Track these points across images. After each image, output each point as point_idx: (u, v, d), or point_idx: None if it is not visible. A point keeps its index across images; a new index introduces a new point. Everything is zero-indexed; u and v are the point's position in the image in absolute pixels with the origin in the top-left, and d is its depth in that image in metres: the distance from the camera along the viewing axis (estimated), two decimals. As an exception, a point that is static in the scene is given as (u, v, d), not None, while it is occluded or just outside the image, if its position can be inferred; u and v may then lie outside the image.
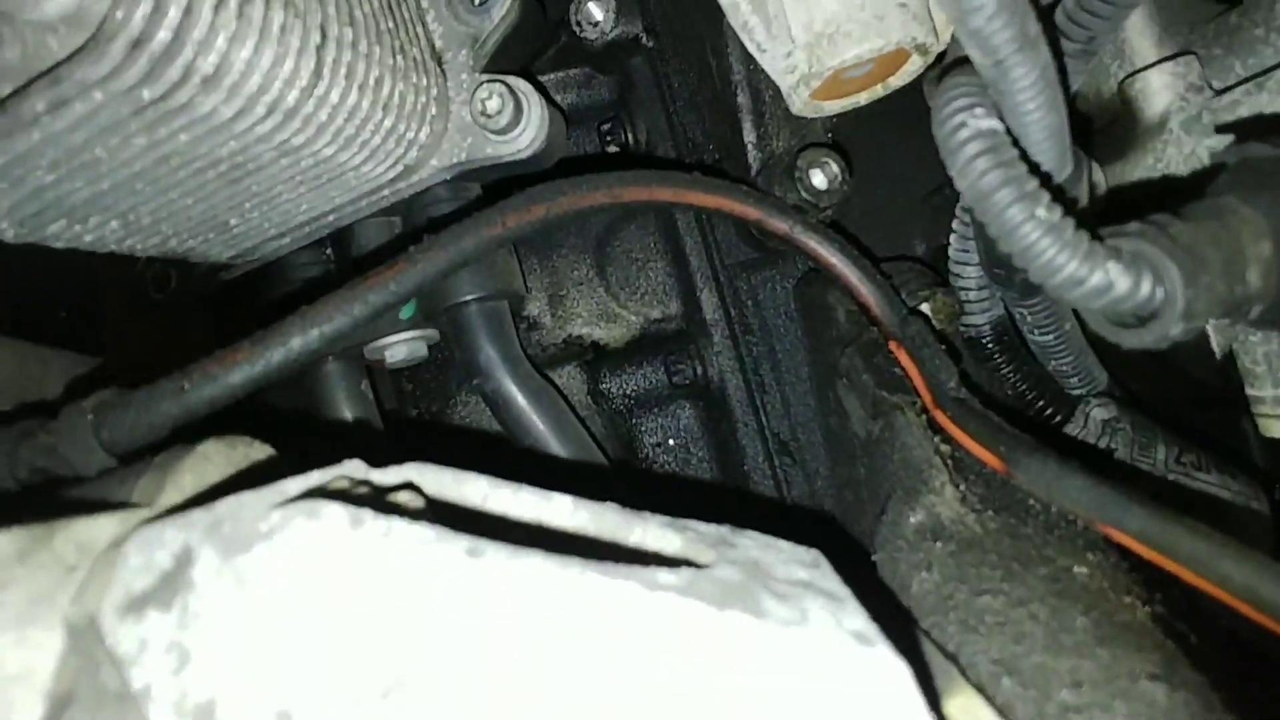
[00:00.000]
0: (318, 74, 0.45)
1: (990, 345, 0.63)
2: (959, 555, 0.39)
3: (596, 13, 0.68)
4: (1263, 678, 0.40)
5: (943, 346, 0.51)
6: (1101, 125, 0.63)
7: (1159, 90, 0.58)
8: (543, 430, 0.65)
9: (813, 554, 0.34)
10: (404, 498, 0.32)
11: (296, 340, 0.42)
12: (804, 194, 0.58)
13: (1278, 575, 0.32)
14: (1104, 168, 0.60)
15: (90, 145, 0.41)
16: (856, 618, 0.27)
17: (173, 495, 0.33)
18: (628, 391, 0.74)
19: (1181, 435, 0.62)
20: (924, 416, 0.49)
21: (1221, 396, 0.60)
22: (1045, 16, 0.36)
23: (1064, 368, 0.62)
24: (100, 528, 0.29)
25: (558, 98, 0.75)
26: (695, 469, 0.75)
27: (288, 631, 0.24)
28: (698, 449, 0.75)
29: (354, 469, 0.33)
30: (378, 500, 0.30)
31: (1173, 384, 0.68)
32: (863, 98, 0.59)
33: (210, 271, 0.68)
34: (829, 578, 0.32)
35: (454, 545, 0.26)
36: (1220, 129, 0.51)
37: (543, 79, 0.74)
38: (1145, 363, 0.67)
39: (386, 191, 0.61)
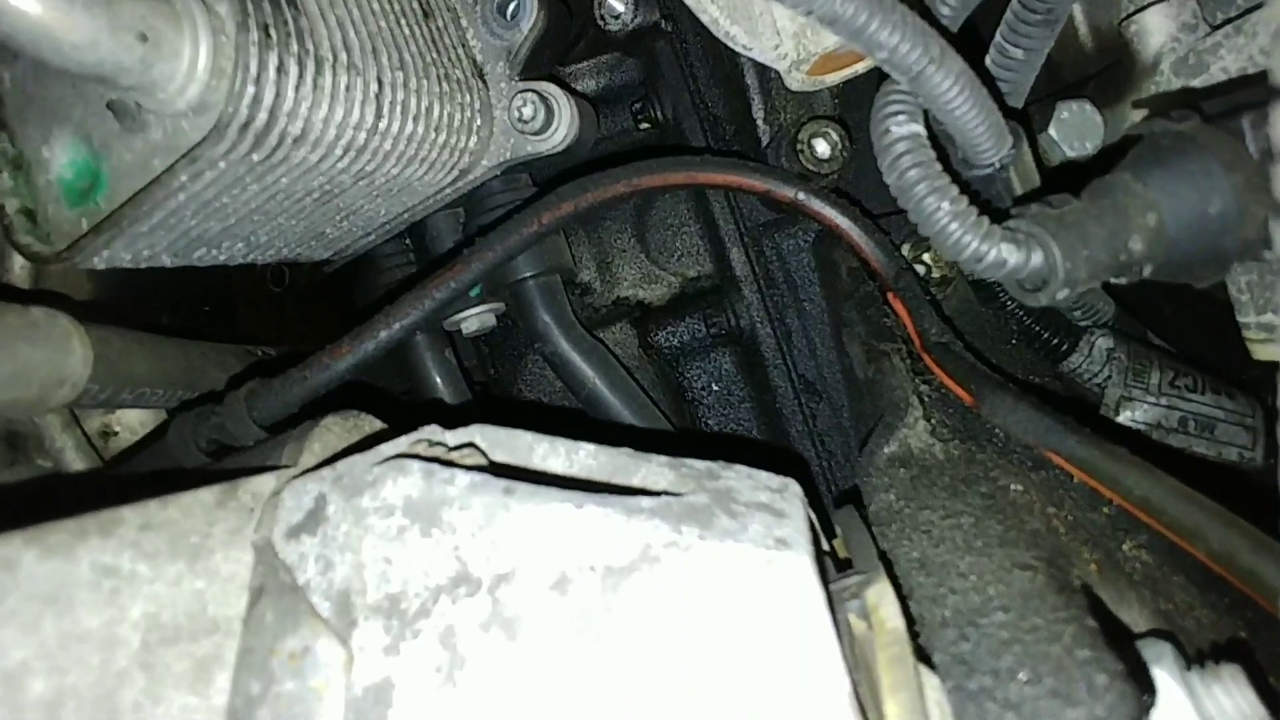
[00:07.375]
0: (379, 115, 0.55)
1: (997, 285, 0.68)
2: (917, 479, 0.47)
3: (618, 5, 0.74)
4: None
5: (928, 297, 0.58)
6: (1105, 65, 0.65)
7: (1154, 31, 0.60)
8: (595, 382, 0.76)
9: (782, 481, 0.43)
10: (466, 453, 0.44)
11: (383, 333, 0.54)
12: (806, 164, 0.64)
13: (1168, 488, 0.39)
14: (1104, 110, 0.63)
15: (219, 196, 0.54)
16: (787, 528, 0.36)
17: (308, 458, 0.46)
18: (673, 343, 0.84)
19: (1186, 361, 0.66)
20: (910, 361, 0.56)
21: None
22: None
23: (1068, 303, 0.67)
24: (265, 483, 0.42)
25: (591, 82, 0.83)
26: (736, 408, 0.84)
27: (390, 542, 0.37)
28: (737, 390, 0.84)
29: (431, 432, 0.45)
30: (446, 457, 0.42)
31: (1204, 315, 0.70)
32: (860, 67, 0.64)
33: (315, 267, 0.82)
34: (788, 500, 0.41)
35: (495, 486, 0.37)
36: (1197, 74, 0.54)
37: (576, 66, 0.82)
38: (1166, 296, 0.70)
39: (449, 190, 0.72)
